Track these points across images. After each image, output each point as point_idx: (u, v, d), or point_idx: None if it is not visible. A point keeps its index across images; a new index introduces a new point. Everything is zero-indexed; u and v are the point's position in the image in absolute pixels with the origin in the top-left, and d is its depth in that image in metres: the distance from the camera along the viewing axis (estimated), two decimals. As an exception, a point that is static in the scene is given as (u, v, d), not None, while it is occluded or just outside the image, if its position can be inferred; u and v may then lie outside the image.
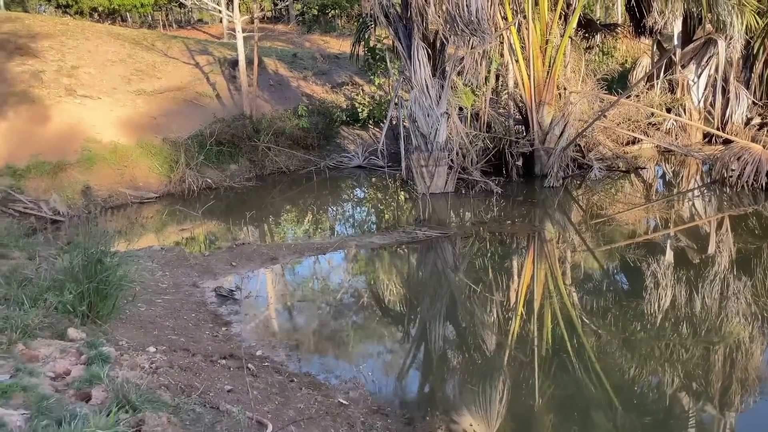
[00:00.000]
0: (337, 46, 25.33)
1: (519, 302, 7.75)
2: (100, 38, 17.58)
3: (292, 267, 9.04)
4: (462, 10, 10.82)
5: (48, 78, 14.56)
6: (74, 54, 16.04)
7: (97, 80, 15.40)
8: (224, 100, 17.01)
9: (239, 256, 8.84)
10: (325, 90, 19.97)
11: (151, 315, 6.35)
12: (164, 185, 13.38)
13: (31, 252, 6.82)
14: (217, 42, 22.84)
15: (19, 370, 3.96)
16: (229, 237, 10.76)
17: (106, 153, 13.15)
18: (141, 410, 3.56)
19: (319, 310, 7.45)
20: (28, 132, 12.83)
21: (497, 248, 10.06)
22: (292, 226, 11.96)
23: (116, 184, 12.78)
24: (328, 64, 22.00)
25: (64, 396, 3.76)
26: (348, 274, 9.04)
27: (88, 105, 14.36)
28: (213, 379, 4.79)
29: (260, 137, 15.37)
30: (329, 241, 10.00)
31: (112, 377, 3.91)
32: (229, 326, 6.56)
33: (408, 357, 6.39)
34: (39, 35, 16.18)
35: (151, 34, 20.80)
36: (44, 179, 11.87)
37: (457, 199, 12.65)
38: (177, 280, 7.81)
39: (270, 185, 14.69)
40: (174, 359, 4.97)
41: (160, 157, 13.81)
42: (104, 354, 4.39)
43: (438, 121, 12.50)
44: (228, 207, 12.86)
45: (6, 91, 13.51)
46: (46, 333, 4.70)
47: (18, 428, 3.21)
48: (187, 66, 17.91)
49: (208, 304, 7.13)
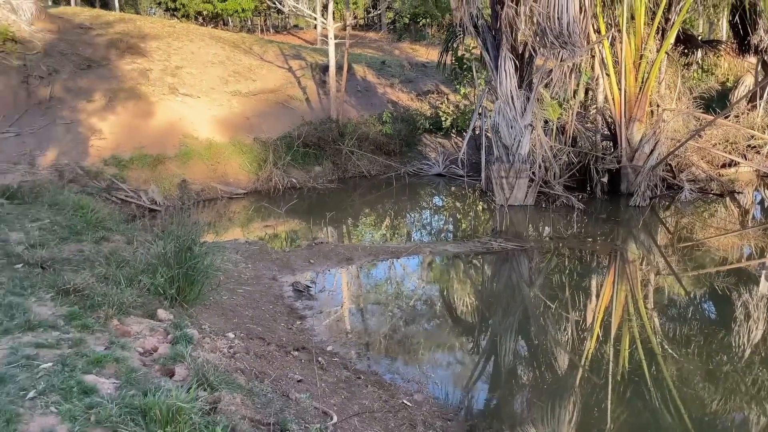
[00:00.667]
0: (426, 54, 25.54)
1: (596, 323, 7.54)
2: (202, 41, 18.65)
3: (366, 268, 9.22)
4: (552, 23, 10.68)
5: (154, 76, 15.61)
6: (179, 55, 17.10)
7: (197, 80, 16.33)
8: (313, 103, 17.57)
9: (317, 254, 9.12)
10: (411, 97, 20.19)
11: (232, 303, 6.70)
12: (252, 182, 14.00)
13: (130, 237, 7.37)
14: (310, 47, 23.62)
15: (113, 343, 4.32)
16: (309, 235, 11.12)
17: (202, 149, 13.93)
18: (218, 389, 3.80)
19: (389, 313, 7.57)
20: (134, 126, 13.81)
21: (576, 265, 9.82)
22: (369, 228, 12.20)
23: (209, 178, 13.51)
24: (415, 72, 22.23)
25: (150, 370, 4.06)
26: (421, 280, 9.11)
27: (188, 103, 15.27)
28: (285, 368, 5.00)
29: (345, 141, 15.77)
30: (404, 246, 10.12)
31: (194, 357, 4.19)
32: (304, 320, 6.81)
33: (476, 368, 6.38)
34: (148, 36, 17.37)
35: (249, 38, 21.81)
36: (145, 171, 12.74)
37: (537, 213, 12.45)
38: (258, 272, 8.17)
39: (351, 188, 15.03)
40: (250, 346, 5.24)
41: (250, 155, 14.46)
42: (188, 335, 4.70)
43: (521, 133, 12.36)
44: (309, 206, 13.27)
45: (116, 87, 14.61)
46: (138, 311, 5.08)
47: (108, 395, 3.51)
48: (280, 70, 18.65)
49: (285, 298, 7.42)
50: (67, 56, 14.93)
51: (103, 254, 6.30)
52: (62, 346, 4.01)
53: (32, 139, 12.45)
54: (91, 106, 13.78)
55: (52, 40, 15.20)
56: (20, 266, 5.46)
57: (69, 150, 12.33)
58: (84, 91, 14.11)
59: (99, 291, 5.01)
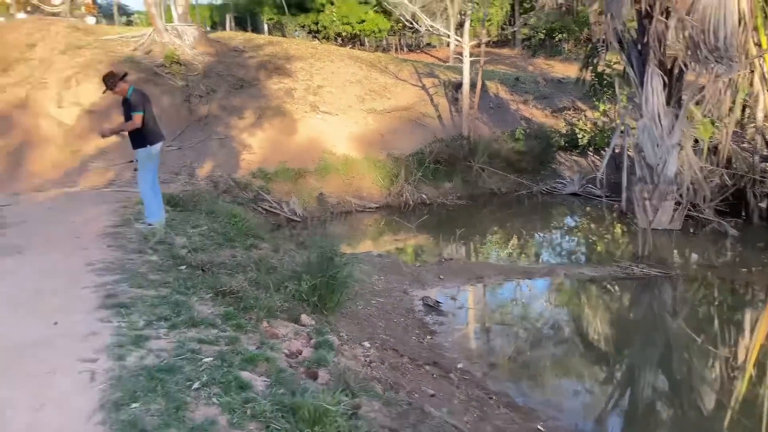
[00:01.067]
0: (562, 70, 24.85)
1: (748, 361, 6.88)
2: (342, 61, 19.57)
3: (496, 287, 9.12)
4: (707, 36, 9.97)
5: (298, 95, 16.63)
6: (320, 74, 18.08)
7: (336, 98, 17.16)
8: (445, 120, 17.75)
9: (447, 271, 9.19)
10: (545, 114, 19.73)
11: (366, 313, 6.95)
12: (384, 197, 14.41)
13: (275, 245, 7.93)
14: (443, 65, 23.92)
15: (263, 343, 4.67)
16: (438, 251, 11.22)
17: (339, 164, 14.59)
18: (358, 396, 3.99)
19: (521, 335, 7.43)
20: (278, 141, 14.80)
21: (727, 297, 9.01)
22: (498, 247, 12.05)
23: (344, 192, 14.11)
24: (550, 88, 21.71)
25: (296, 372, 4.34)
26: (554, 303, 8.84)
27: (328, 120, 16.08)
28: (418, 381, 5.11)
29: (475, 158, 15.74)
30: (536, 267, 9.89)
31: (335, 363, 4.42)
32: (434, 335, 6.89)
33: (611, 399, 6.08)
34: (293, 57, 18.56)
35: (385, 57, 22.55)
36: (287, 183, 13.58)
37: (683, 238, 11.59)
38: (389, 285, 8.40)
39: (480, 205, 14.95)
40: (385, 357, 5.41)
41: (383, 170, 14.90)
42: (329, 341, 4.97)
43: (668, 153, 11.61)
44: (439, 222, 13.39)
45: (264, 106, 15.75)
46: (284, 315, 5.45)
47: (261, 392, 3.81)
48: (414, 87, 19.07)
49: (416, 312, 7.55)
50: (223, 77, 16.36)
51: (253, 260, 6.83)
52: (220, 342, 4.41)
53: (191, 153, 13.77)
54: (242, 123, 14.97)
55: (210, 63, 16.73)
56: (184, 268, 6.07)
57: (222, 163, 13.48)
58: (236, 109, 15.38)
59: (251, 294, 5.45)
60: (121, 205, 8.80)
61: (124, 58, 15.04)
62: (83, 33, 16.16)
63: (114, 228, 7.13)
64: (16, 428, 3.11)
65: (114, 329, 4.20)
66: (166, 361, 3.82)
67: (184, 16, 19.16)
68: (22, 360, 3.72)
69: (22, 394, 3.36)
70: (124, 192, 10.23)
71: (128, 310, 4.58)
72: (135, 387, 3.43)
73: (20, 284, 5.11)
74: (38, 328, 4.19)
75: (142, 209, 7.59)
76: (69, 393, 3.38)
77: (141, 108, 6.99)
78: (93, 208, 8.50)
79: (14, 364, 3.68)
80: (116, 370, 3.63)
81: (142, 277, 5.41)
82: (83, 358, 3.77)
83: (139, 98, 7.07)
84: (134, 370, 3.66)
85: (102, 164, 12.24)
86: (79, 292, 4.89)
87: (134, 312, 4.56)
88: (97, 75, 14.01)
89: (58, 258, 5.94)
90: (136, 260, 5.93)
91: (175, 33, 16.99)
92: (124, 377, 3.54)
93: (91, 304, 4.65)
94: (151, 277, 5.48)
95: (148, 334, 4.20)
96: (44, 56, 14.55)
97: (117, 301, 4.71)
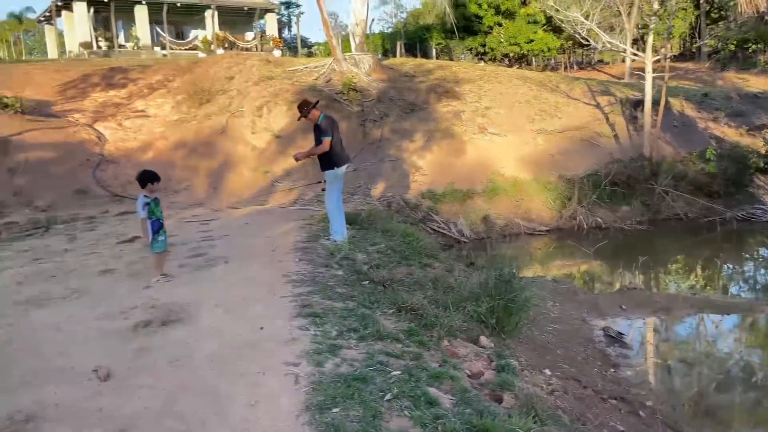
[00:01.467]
0: (758, 84, 22.32)
1: None
2: (510, 81, 19.41)
3: (686, 321, 8.33)
4: None
5: (466, 117, 16.78)
6: (488, 96, 18.09)
7: (504, 119, 17.03)
8: (621, 140, 16.77)
9: (629, 300, 8.59)
10: (740, 133, 17.80)
11: (543, 340, 6.72)
12: (555, 220, 13.92)
13: (450, 265, 8.00)
14: (618, 82, 22.68)
15: (445, 361, 4.71)
16: (618, 279, 10.54)
17: (507, 186, 14.41)
18: (546, 424, 3.85)
19: (718, 375, 6.69)
20: (447, 163, 15.01)
21: None
22: (686, 277, 11.01)
23: (512, 214, 13.88)
24: (745, 104, 19.57)
25: (480, 393, 4.31)
26: (756, 341, 7.85)
27: (496, 141, 15.99)
28: (604, 415, 4.82)
29: (658, 180, 14.62)
30: (734, 301, 8.88)
31: (521, 388, 4.32)
32: (617, 368, 6.46)
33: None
34: (462, 80, 18.79)
35: (555, 77, 21.96)
36: (455, 204, 13.69)
37: None
38: (565, 312, 8.05)
39: (663, 231, 13.81)
40: (567, 387, 5.18)
41: (553, 192, 14.43)
42: (511, 365, 4.87)
43: None
44: (617, 248, 12.59)
45: (434, 128, 16.10)
46: (463, 336, 5.45)
47: (449, 409, 3.83)
48: (587, 107, 18.29)
49: (596, 342, 7.15)
50: (394, 101, 17.04)
51: (429, 279, 6.95)
52: (405, 357, 4.52)
53: (365, 174, 14.46)
54: (413, 146, 15.42)
55: (383, 88, 17.52)
56: (366, 283, 6.35)
57: (394, 184, 13.97)
58: (407, 132, 15.90)
59: (431, 312, 5.53)
60: (307, 222, 9.47)
61: (307, 86, 16.31)
62: (273, 65, 17.82)
63: (304, 243, 7.69)
64: (234, 422, 3.45)
65: (311, 337, 4.50)
66: (359, 371, 4.01)
67: (361, 45, 20.33)
68: (238, 359, 4.14)
69: (239, 390, 3.73)
70: (308, 210, 11.01)
71: (321, 319, 4.89)
72: (334, 393, 3.63)
73: (230, 291, 5.70)
74: (248, 331, 4.64)
75: (327, 226, 8.10)
76: (277, 393, 3.68)
77: (330, 133, 7.50)
78: (283, 224, 9.26)
79: (233, 362, 4.10)
80: (316, 375, 3.88)
81: (330, 290, 5.76)
82: (287, 361, 4.09)
83: (329, 124, 7.59)
84: (332, 376, 3.88)
85: (288, 184, 13.32)
86: (278, 301, 5.33)
87: (327, 322, 4.85)
88: (285, 103, 15.40)
89: (257, 268, 6.54)
90: (325, 274, 6.33)
91: (352, 62, 18.07)
92: (324, 382, 3.78)
93: (290, 312, 5.04)
94: (339, 290, 5.81)
95: (340, 344, 4.45)
96: (240, 87, 16.28)
97: (311, 311, 5.05)
